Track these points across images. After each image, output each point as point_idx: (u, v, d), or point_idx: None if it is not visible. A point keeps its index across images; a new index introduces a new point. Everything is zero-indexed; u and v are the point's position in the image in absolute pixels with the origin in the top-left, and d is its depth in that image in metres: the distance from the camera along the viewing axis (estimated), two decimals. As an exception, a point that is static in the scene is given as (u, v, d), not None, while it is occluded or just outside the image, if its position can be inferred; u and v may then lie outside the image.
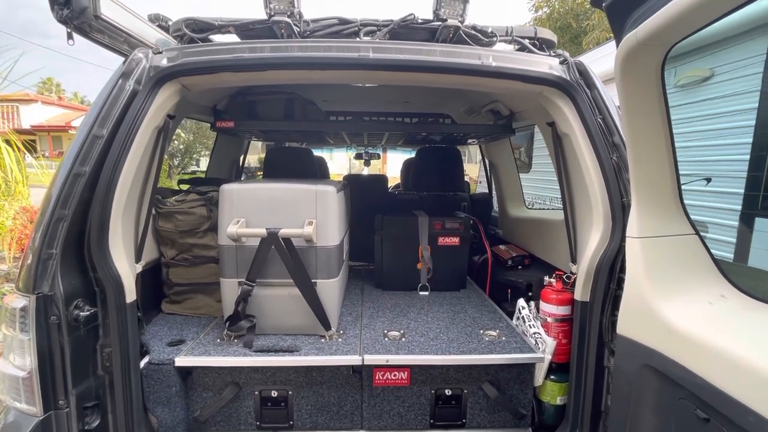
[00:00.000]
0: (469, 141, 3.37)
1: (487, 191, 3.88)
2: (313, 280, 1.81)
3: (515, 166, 3.17)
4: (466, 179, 3.53)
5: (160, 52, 1.58)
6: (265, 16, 1.71)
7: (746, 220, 3.54)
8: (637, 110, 1.12)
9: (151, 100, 1.52)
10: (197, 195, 2.08)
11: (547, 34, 1.96)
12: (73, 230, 1.38)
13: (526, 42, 1.89)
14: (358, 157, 5.14)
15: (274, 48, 1.58)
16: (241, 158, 3.71)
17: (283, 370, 1.74)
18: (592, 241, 1.58)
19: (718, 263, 1.15)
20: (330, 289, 1.86)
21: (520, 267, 2.51)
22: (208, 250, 2.04)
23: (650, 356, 1.13)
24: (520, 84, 1.66)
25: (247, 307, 1.81)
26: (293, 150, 3.30)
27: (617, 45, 1.10)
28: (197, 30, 1.80)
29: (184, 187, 2.28)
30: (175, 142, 13.79)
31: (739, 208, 3.58)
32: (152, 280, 2.06)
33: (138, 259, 1.69)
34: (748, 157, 3.47)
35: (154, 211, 2.01)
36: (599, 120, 1.57)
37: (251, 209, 1.78)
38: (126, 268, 1.50)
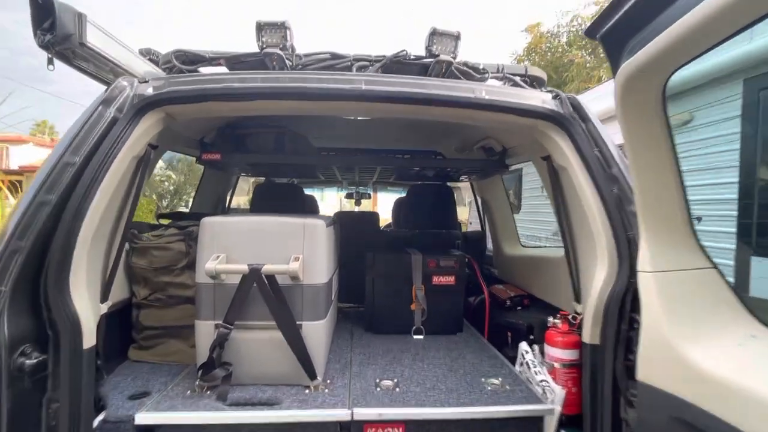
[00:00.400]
0: (462, 178, 3.35)
1: (479, 230, 3.81)
2: (298, 322, 1.65)
3: (508, 203, 3.13)
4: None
5: (146, 81, 1.53)
6: (257, 50, 1.70)
7: (741, 258, 3.52)
8: (640, 137, 1.08)
9: (132, 128, 1.44)
10: (176, 230, 1.95)
11: (537, 72, 2.00)
12: (30, 264, 1.23)
13: (518, 79, 1.91)
14: (349, 196, 5.10)
15: (265, 78, 1.55)
16: (229, 195, 3.61)
17: (260, 427, 1.52)
18: (598, 279, 1.48)
19: (743, 299, 1.05)
20: (316, 333, 1.69)
21: (519, 308, 2.37)
22: (184, 290, 1.88)
23: (679, 407, 1.00)
24: (515, 117, 1.65)
25: (224, 353, 1.63)
26: (282, 186, 3.23)
27: (614, 74, 1.08)
28: (187, 62, 1.78)
29: (165, 221, 2.15)
30: (165, 183, 13.71)
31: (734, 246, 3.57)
32: (121, 322, 1.87)
33: (104, 299, 1.52)
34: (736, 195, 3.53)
35: (128, 246, 1.87)
36: (596, 152, 1.53)
37: (233, 244, 1.66)
38: (87, 308, 1.34)
